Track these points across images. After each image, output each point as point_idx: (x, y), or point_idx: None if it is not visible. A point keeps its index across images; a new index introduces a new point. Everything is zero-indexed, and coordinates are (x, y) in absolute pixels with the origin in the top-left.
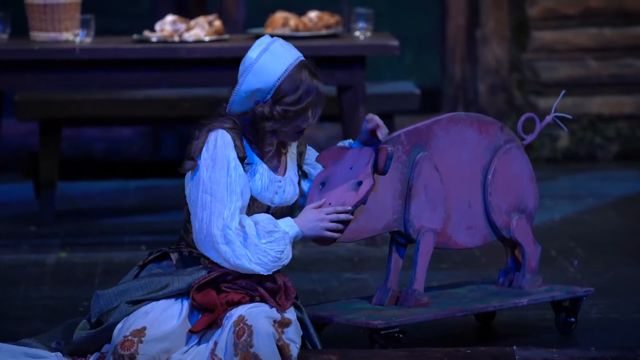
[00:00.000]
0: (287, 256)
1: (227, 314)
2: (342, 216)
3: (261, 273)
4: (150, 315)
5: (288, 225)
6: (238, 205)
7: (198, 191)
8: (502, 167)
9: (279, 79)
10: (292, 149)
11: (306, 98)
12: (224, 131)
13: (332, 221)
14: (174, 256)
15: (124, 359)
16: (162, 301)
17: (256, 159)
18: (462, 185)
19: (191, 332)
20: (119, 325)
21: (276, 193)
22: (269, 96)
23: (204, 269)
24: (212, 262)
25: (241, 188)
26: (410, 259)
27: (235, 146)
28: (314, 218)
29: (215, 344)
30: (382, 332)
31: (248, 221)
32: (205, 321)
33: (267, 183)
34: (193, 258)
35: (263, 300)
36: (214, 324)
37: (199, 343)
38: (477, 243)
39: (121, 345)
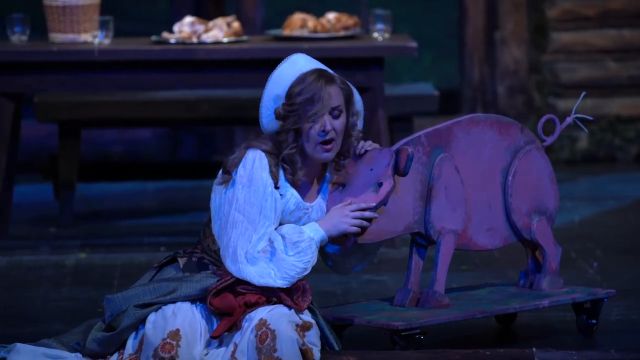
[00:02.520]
0: (312, 263)
1: (247, 317)
2: (367, 213)
3: (284, 287)
4: (179, 317)
5: (313, 231)
6: (269, 230)
7: (231, 207)
8: (523, 168)
9: (291, 81)
10: (330, 177)
11: (307, 92)
12: (263, 153)
13: (355, 218)
14: (181, 260)
15: None
16: (182, 303)
17: (288, 186)
18: (483, 187)
19: (212, 337)
20: (148, 327)
21: (300, 219)
22: (284, 100)
23: (214, 277)
24: (222, 270)
25: (275, 214)
26: (431, 260)
27: (271, 171)
28: (337, 215)
29: (235, 346)
30: (402, 334)
31: (275, 235)
32: (225, 325)
33: (292, 209)
34: (202, 265)
35: (280, 300)
36: (234, 327)
37: (218, 346)
38: (498, 244)
39: (161, 348)
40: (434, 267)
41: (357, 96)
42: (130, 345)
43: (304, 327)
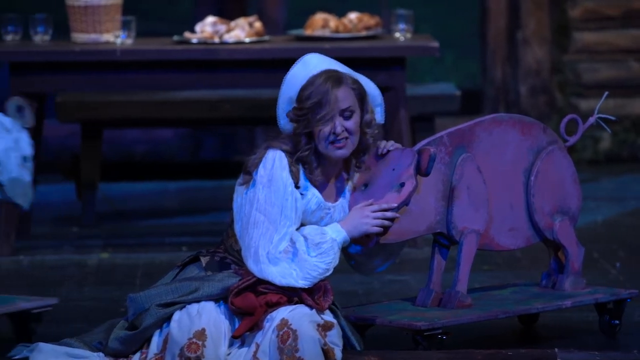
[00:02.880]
0: (335, 264)
1: (268, 317)
2: (388, 214)
3: (305, 287)
4: (204, 316)
5: (335, 231)
6: (290, 230)
7: (252, 208)
8: (545, 168)
9: (302, 84)
10: (353, 178)
11: (315, 96)
12: (283, 153)
13: (377, 218)
14: (204, 259)
15: None
16: (207, 302)
17: (309, 185)
18: (505, 187)
19: (233, 337)
20: (173, 326)
21: (322, 219)
22: (295, 103)
23: (236, 276)
24: (244, 270)
25: (296, 214)
26: (453, 260)
27: (291, 171)
28: (359, 216)
29: (257, 346)
30: (425, 334)
31: (297, 236)
32: (246, 325)
33: (313, 208)
34: (224, 264)
35: (301, 300)
36: (255, 327)
37: (240, 346)
38: (520, 244)
39: (187, 348)
40: (456, 267)
41: (374, 91)
42: (155, 344)
43: (325, 327)
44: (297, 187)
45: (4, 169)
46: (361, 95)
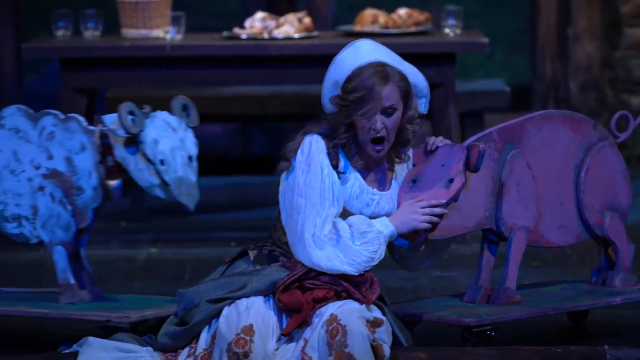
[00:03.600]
0: (380, 255)
1: (317, 312)
2: (437, 210)
3: (352, 273)
4: (252, 312)
5: (383, 225)
6: (332, 212)
7: (293, 194)
8: (595, 165)
9: (350, 70)
10: (402, 170)
11: (360, 90)
12: (319, 137)
13: (425, 214)
14: (252, 253)
15: (239, 357)
16: (256, 297)
17: (350, 167)
18: (555, 183)
19: (283, 335)
20: (222, 322)
21: (367, 205)
22: (340, 91)
23: (283, 270)
24: (291, 262)
25: (335, 195)
26: (502, 257)
27: (329, 153)
28: (408, 212)
29: (305, 341)
30: (474, 330)
31: (342, 224)
32: (294, 322)
33: (357, 192)
34: (272, 257)
35: (348, 294)
36: (304, 323)
37: (288, 341)
38: (570, 241)
39: (235, 343)
40: (505, 263)
41: (421, 82)
42: (204, 339)
43: (374, 324)
44: (336, 169)
45: (169, 169)
46: (406, 92)
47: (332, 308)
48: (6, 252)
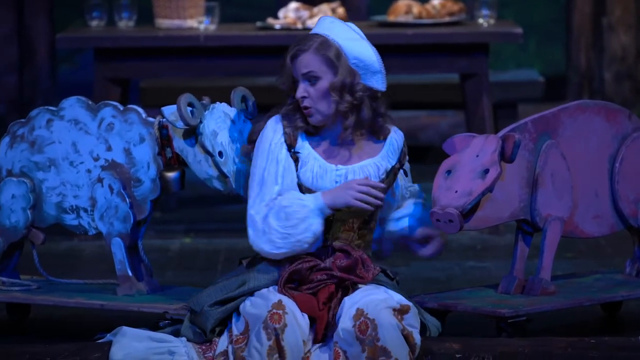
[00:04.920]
0: (314, 233)
1: (338, 313)
2: (374, 191)
3: (271, 251)
4: (272, 293)
5: (313, 200)
6: (273, 189)
7: (251, 176)
8: (630, 155)
9: None
10: (369, 146)
11: (285, 58)
12: (279, 117)
13: (361, 192)
14: (244, 262)
15: (277, 332)
16: (272, 287)
17: (308, 148)
18: (589, 174)
19: (315, 343)
20: (249, 309)
21: (336, 182)
22: None
23: (274, 268)
24: (275, 259)
25: (277, 174)
26: (536, 247)
27: (285, 133)
28: (342, 187)
29: (335, 342)
30: (509, 321)
31: (274, 204)
32: (320, 331)
33: (320, 172)
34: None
35: (342, 281)
36: (328, 326)
37: (319, 344)
38: (604, 232)
39: (270, 319)
40: (540, 254)
41: (367, 56)
42: (235, 328)
43: (401, 311)
44: (292, 149)
45: (228, 160)
46: (331, 59)
47: (355, 300)
48: None
